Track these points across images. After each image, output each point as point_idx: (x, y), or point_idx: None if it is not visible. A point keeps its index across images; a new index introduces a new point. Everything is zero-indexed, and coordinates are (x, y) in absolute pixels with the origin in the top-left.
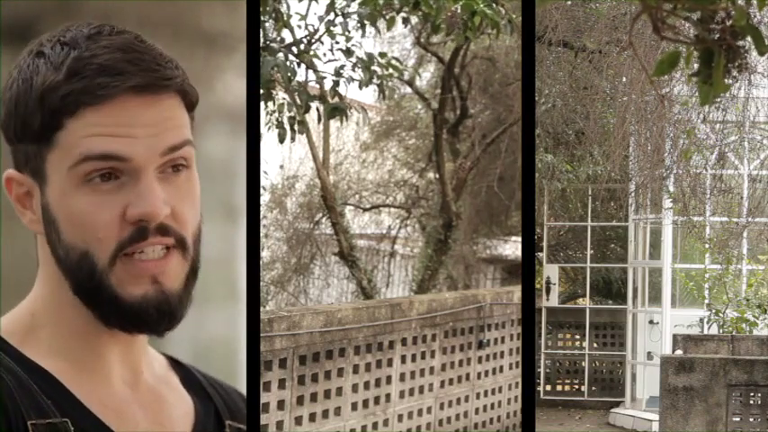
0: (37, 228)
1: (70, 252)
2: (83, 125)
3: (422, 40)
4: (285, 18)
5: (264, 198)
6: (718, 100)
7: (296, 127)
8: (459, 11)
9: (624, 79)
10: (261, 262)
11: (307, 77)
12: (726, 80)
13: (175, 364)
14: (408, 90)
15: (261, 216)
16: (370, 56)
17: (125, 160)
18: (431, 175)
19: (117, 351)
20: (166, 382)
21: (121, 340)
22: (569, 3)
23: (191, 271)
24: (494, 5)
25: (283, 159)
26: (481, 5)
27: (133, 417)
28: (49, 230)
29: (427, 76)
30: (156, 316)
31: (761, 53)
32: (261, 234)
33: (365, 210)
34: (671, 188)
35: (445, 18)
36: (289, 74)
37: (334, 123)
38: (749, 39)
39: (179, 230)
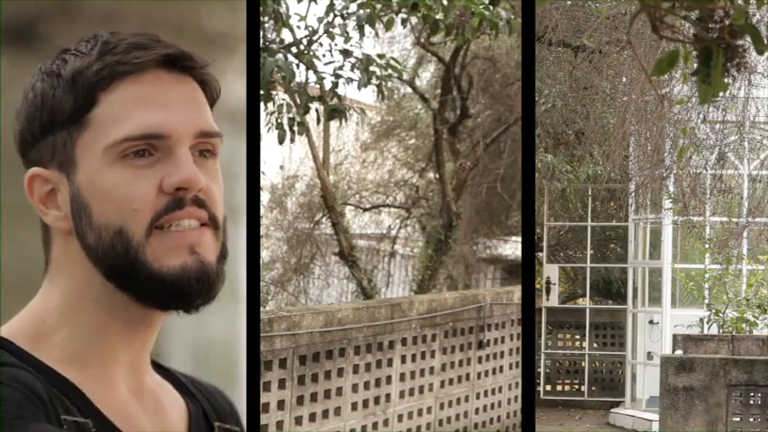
0: (62, 225)
1: (103, 233)
2: (118, 98)
3: (422, 40)
4: (285, 18)
5: (264, 198)
6: (718, 100)
7: (295, 128)
8: (466, 11)
9: (624, 79)
10: (261, 262)
11: (307, 78)
12: (725, 79)
13: (158, 367)
14: (408, 90)
15: (261, 216)
16: (368, 57)
17: (163, 137)
18: (431, 175)
19: (126, 358)
20: (162, 385)
21: (135, 340)
22: (569, 3)
23: (221, 253)
24: (491, 8)
25: (283, 159)
26: (480, 7)
27: (140, 423)
28: (79, 220)
29: (427, 76)
30: (197, 287)
31: (759, 52)
32: (261, 234)
33: (365, 210)
34: (671, 188)
35: (455, 18)
36: (288, 75)
37: (334, 123)
38: (748, 38)
39: (212, 207)
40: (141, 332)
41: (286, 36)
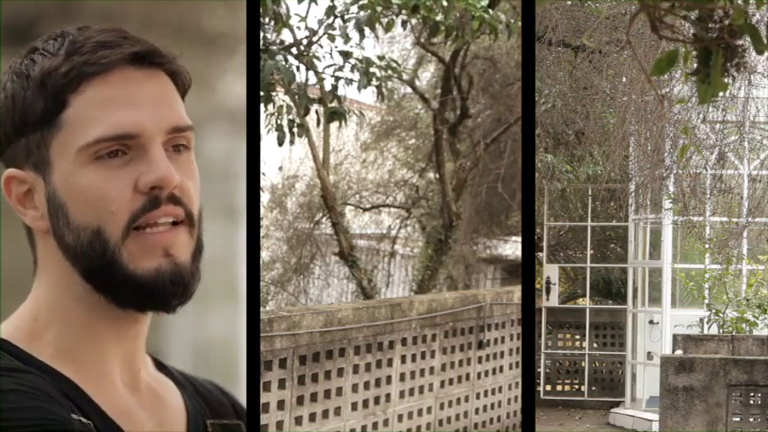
0: (40, 224)
1: (81, 233)
2: (87, 99)
3: (422, 40)
4: (285, 19)
5: (264, 198)
6: (718, 100)
7: (295, 130)
8: (466, 13)
9: (624, 79)
10: (261, 262)
11: (307, 78)
12: (724, 79)
13: (158, 363)
14: (408, 90)
15: (261, 216)
16: (367, 59)
17: (135, 136)
18: (431, 175)
19: (119, 352)
20: (160, 380)
21: (125, 336)
22: (569, 3)
23: (196, 248)
24: (490, 11)
25: (283, 160)
26: (479, 11)
27: (138, 419)
28: (56, 220)
29: (427, 75)
30: (171, 288)
31: (759, 52)
32: (261, 234)
33: (365, 210)
34: (671, 188)
35: (455, 20)
36: (287, 78)
37: (334, 123)
38: (748, 38)
39: (187, 204)
40: (129, 328)
41: (286, 37)
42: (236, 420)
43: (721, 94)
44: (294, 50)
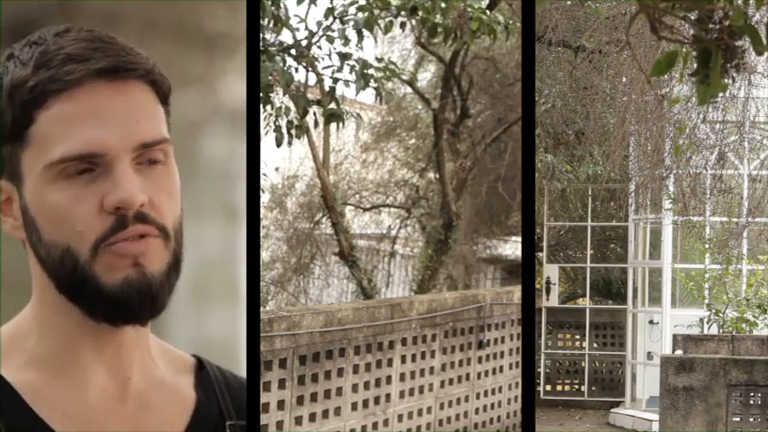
0: (18, 233)
1: (51, 250)
2: (53, 116)
3: (422, 40)
4: (284, 19)
5: (264, 198)
6: (718, 100)
7: (293, 131)
8: (465, 14)
9: (624, 79)
10: (261, 262)
11: (307, 79)
12: (724, 80)
13: (199, 365)
14: (409, 90)
15: (261, 216)
16: (364, 61)
17: (99, 156)
18: (431, 175)
19: (102, 362)
20: (164, 383)
21: (106, 344)
22: (569, 3)
23: (173, 261)
24: (488, 12)
25: (283, 160)
26: (477, 12)
27: (106, 427)
28: (30, 232)
29: (428, 75)
30: (138, 299)
31: (758, 53)
32: (261, 234)
33: (365, 210)
34: (671, 188)
35: (453, 19)
36: (284, 80)
37: (333, 124)
38: (747, 38)
39: (158, 219)
40: (108, 339)
41: (285, 38)
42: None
43: (721, 94)
44: (293, 51)
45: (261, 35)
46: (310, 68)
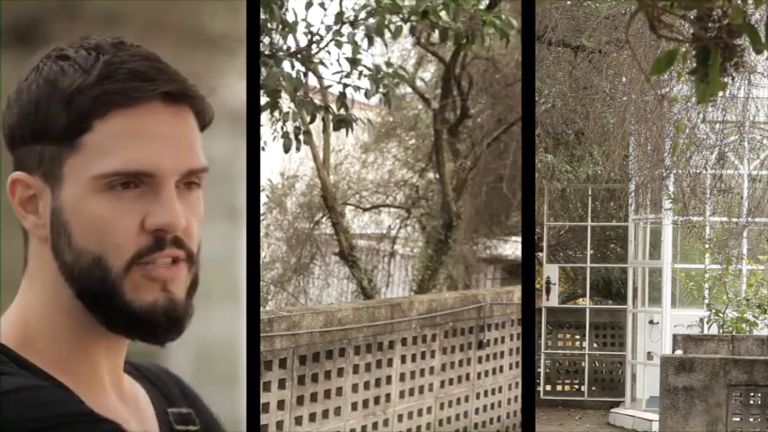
0: (40, 232)
1: (82, 257)
2: (112, 129)
3: (422, 40)
4: (291, 24)
5: (264, 198)
6: (718, 99)
7: (301, 137)
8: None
9: (624, 79)
10: (261, 262)
11: (315, 85)
12: (723, 78)
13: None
14: (409, 90)
15: (261, 216)
16: (377, 67)
17: (151, 175)
18: (431, 175)
19: (107, 359)
20: (133, 383)
21: (112, 348)
22: (569, 3)
23: (192, 284)
24: (502, 17)
25: (283, 160)
26: (490, 16)
27: (128, 423)
28: (57, 234)
29: (428, 75)
30: (165, 324)
31: (758, 51)
32: (261, 234)
33: (365, 210)
34: (671, 188)
35: (464, 23)
36: (291, 86)
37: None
38: (746, 37)
39: (189, 245)
40: (118, 342)
41: (293, 43)
42: (188, 409)
43: (721, 93)
44: (301, 56)
45: (269, 39)
46: (317, 75)
